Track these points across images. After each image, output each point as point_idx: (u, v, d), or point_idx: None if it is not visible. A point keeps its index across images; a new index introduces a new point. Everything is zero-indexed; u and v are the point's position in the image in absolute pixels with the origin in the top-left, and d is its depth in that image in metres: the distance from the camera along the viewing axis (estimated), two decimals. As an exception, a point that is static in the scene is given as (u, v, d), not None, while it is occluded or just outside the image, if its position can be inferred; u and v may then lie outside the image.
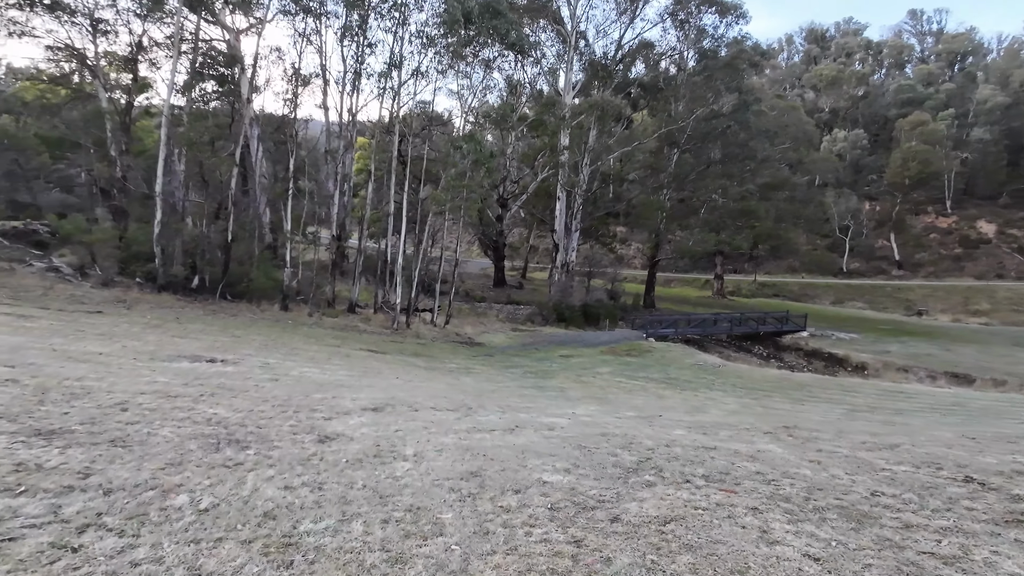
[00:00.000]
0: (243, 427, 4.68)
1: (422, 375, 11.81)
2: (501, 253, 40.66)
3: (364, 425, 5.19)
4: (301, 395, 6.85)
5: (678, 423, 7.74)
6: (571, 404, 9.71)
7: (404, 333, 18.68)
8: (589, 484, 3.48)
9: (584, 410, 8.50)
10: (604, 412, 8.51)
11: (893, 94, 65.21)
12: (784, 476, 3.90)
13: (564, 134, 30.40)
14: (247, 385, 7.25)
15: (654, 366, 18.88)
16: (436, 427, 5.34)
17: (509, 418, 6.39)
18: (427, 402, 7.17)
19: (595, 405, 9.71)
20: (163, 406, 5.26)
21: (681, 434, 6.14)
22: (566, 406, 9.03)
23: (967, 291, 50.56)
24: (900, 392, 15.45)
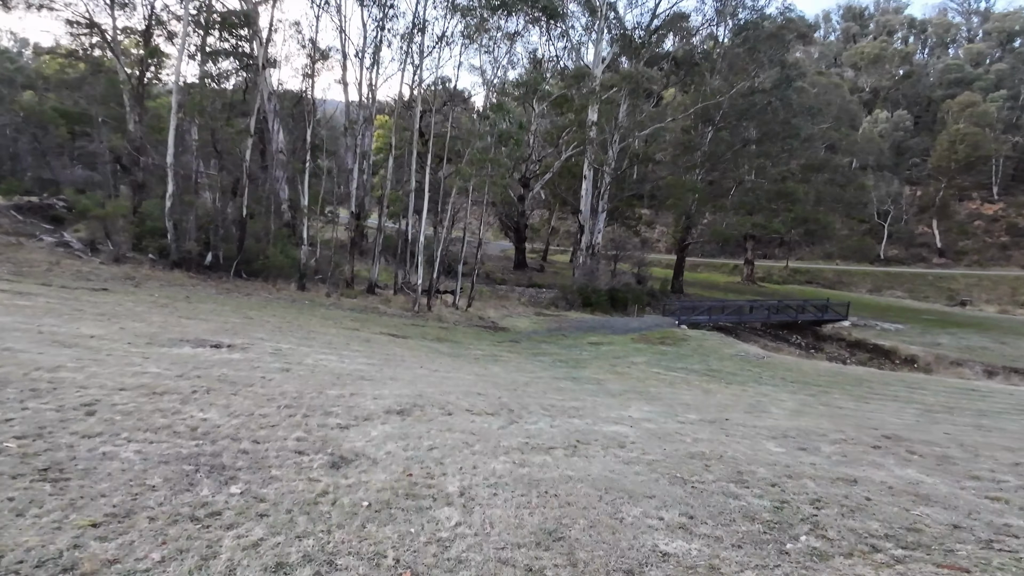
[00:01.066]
0: (235, 442, 3.62)
1: (447, 363, 10.75)
2: (522, 235, 39.39)
3: (389, 438, 4.09)
4: (314, 391, 5.80)
5: (755, 431, 6.53)
6: (617, 401, 8.55)
7: (426, 316, 17.67)
8: (731, 557, 2.34)
9: (639, 412, 7.34)
10: (662, 414, 7.33)
11: (939, 74, 61.32)
12: (998, 533, 2.69)
13: (593, 109, 28.74)
14: (253, 377, 6.23)
15: (692, 356, 17.60)
16: (479, 441, 4.22)
17: (562, 427, 5.26)
18: (460, 401, 6.08)
19: (645, 404, 8.53)
20: (142, 408, 4.22)
21: (780, 452, 4.94)
22: (615, 405, 7.88)
23: (1015, 281, 47.79)
24: (971, 390, 13.95)
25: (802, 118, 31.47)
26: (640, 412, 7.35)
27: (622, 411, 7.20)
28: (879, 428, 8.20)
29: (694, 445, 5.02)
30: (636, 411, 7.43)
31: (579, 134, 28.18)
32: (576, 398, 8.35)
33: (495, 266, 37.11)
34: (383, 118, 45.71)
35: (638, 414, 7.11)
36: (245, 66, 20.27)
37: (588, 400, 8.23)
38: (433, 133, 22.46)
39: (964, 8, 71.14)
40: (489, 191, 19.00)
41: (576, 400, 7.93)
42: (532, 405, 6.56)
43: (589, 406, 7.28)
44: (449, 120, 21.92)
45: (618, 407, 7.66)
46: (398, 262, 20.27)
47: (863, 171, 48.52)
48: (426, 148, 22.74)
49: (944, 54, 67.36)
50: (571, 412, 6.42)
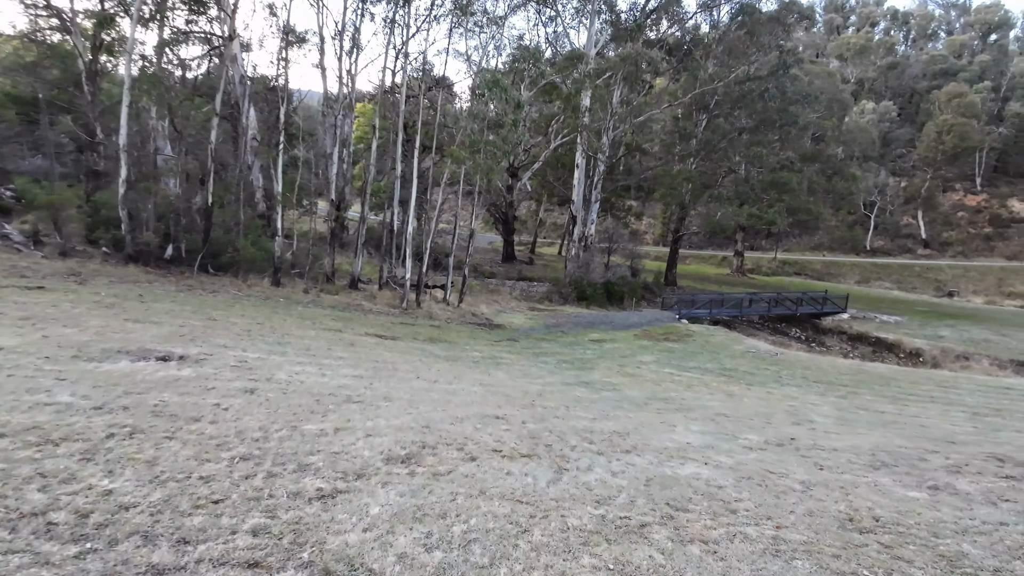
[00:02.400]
0: (144, 546, 2.16)
1: (446, 371, 9.31)
2: (511, 226, 37.95)
3: (399, 518, 2.67)
4: (286, 425, 4.33)
5: (842, 458, 5.25)
6: (655, 417, 7.24)
7: (415, 313, 16.15)
8: None
9: (689, 433, 6.01)
10: (718, 436, 6.01)
11: (924, 65, 61.44)
12: None
13: (586, 94, 27.34)
14: (203, 406, 4.72)
15: (701, 353, 16.44)
16: (534, 517, 2.81)
17: (628, 474, 3.88)
18: (479, 434, 4.66)
19: (686, 418, 7.22)
20: (12, 473, 2.73)
21: (919, 497, 3.63)
22: (655, 424, 6.54)
23: (1001, 272, 48.09)
24: (1007, 388, 13.04)
25: (799, 105, 30.55)
26: (691, 434, 6.03)
27: (672, 434, 5.86)
28: (954, 441, 7.04)
29: (811, 495, 3.70)
30: (686, 432, 6.10)
31: (571, 120, 26.78)
32: (606, 414, 7.00)
33: (483, 259, 35.62)
34: (364, 106, 43.81)
35: (693, 437, 5.78)
36: (207, 39, 18.35)
37: (622, 417, 6.88)
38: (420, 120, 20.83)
39: (945, 1, 71.56)
40: (481, 178, 17.48)
41: (610, 419, 6.57)
42: (567, 433, 5.17)
43: (632, 429, 5.92)
44: (437, 106, 20.27)
45: (663, 427, 6.33)
46: (383, 255, 18.67)
47: (850, 162, 48.12)
48: (411, 135, 21.12)
49: (926, 46, 67.63)
50: (618, 442, 5.05)
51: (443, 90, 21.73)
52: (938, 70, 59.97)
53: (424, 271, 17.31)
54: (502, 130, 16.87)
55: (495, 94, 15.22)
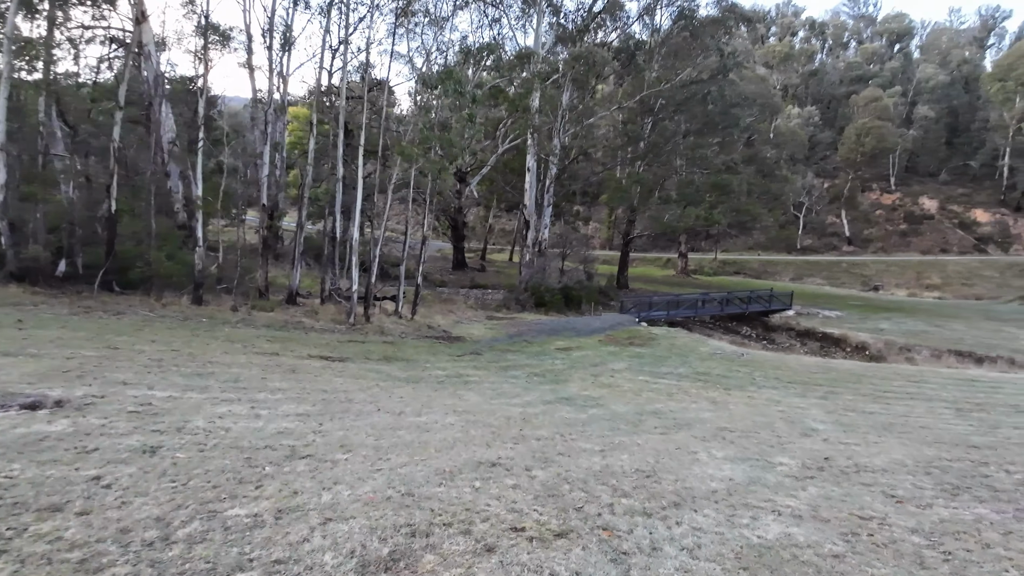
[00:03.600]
0: None
1: (410, 396, 7.94)
2: (461, 233, 36.62)
3: None
4: (199, 515, 2.92)
5: (905, 484, 4.39)
6: (658, 438, 6.22)
7: (364, 328, 14.53)
8: None
9: (724, 464, 5.01)
10: (755, 465, 5.05)
11: (841, 72, 65.91)
12: None
13: (535, 95, 26.62)
14: (74, 481, 3.22)
15: (670, 357, 15.83)
16: None
17: (701, 547, 2.79)
18: (484, 497, 3.42)
19: (716, 449, 6.25)
20: None
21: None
22: (676, 454, 5.52)
23: (918, 266, 51.71)
24: (973, 380, 13.16)
25: (739, 108, 31.27)
26: (720, 463, 5.04)
27: (704, 467, 4.84)
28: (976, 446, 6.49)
29: (943, 551, 2.73)
30: (713, 460, 5.10)
31: (520, 121, 25.93)
32: (611, 442, 5.91)
33: (432, 267, 34.08)
34: (298, 109, 41.41)
35: (728, 469, 4.78)
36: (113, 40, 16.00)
37: (629, 445, 5.80)
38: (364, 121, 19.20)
39: (855, 12, 77.25)
40: (432, 179, 16.15)
41: (618, 448, 5.48)
42: (588, 481, 4.01)
43: (654, 464, 4.84)
44: (382, 108, 18.75)
45: (684, 457, 5.30)
46: (324, 266, 16.88)
47: (782, 164, 50.38)
48: (352, 139, 19.46)
49: (842, 54, 72.61)
50: (655, 489, 3.94)
51: (386, 93, 20.22)
52: (854, 76, 64.43)
53: (372, 282, 15.70)
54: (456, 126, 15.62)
55: (448, 86, 13.97)
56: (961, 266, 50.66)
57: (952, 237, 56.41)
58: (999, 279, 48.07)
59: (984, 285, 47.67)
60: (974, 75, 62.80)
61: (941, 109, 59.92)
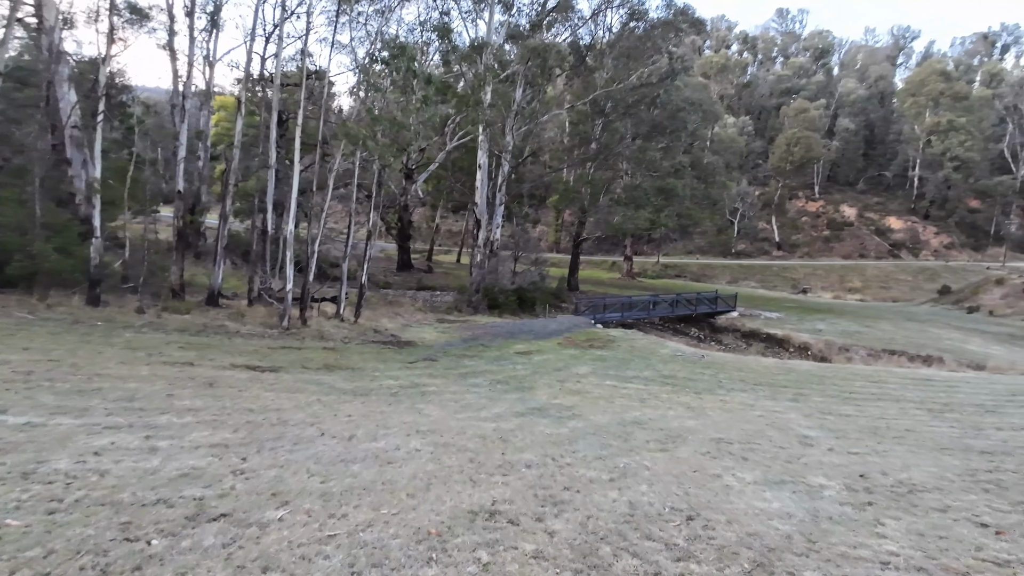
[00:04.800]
0: None
1: (361, 414, 6.60)
2: (406, 233, 34.90)
3: None
4: None
5: (991, 507, 3.65)
6: (661, 456, 5.29)
7: (300, 333, 12.83)
8: None
9: (762, 491, 4.10)
10: (796, 492, 4.18)
11: (771, 84, 69.59)
12: None
13: (487, 90, 25.59)
14: None
15: (633, 360, 15.20)
16: None
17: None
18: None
19: (744, 472, 5.37)
20: None
21: None
22: (683, 470, 4.59)
23: (841, 270, 55.03)
24: (928, 380, 13.33)
25: (686, 112, 31.68)
26: (758, 489, 4.14)
27: (745, 498, 3.91)
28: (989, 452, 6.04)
29: None
30: (745, 486, 4.19)
31: (471, 116, 24.77)
32: (615, 466, 4.89)
33: (376, 268, 32.15)
34: (227, 99, 38.55)
35: (771, 499, 3.88)
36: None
37: (637, 469, 4.81)
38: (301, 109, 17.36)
39: (784, 28, 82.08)
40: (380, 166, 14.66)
41: (630, 476, 4.47)
42: (627, 534, 2.95)
43: (683, 496, 3.86)
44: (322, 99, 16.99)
45: (713, 484, 4.35)
46: (253, 263, 14.96)
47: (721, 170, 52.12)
48: (288, 130, 17.59)
49: (772, 67, 76.76)
50: (709, 537, 2.93)
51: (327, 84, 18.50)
52: (783, 88, 68.18)
53: (310, 281, 13.99)
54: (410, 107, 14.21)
55: (399, 64, 12.59)
56: (879, 270, 54.44)
57: (869, 243, 60.63)
58: (912, 282, 52.00)
59: (899, 288, 51.41)
60: (888, 90, 68.19)
61: (860, 122, 64.54)
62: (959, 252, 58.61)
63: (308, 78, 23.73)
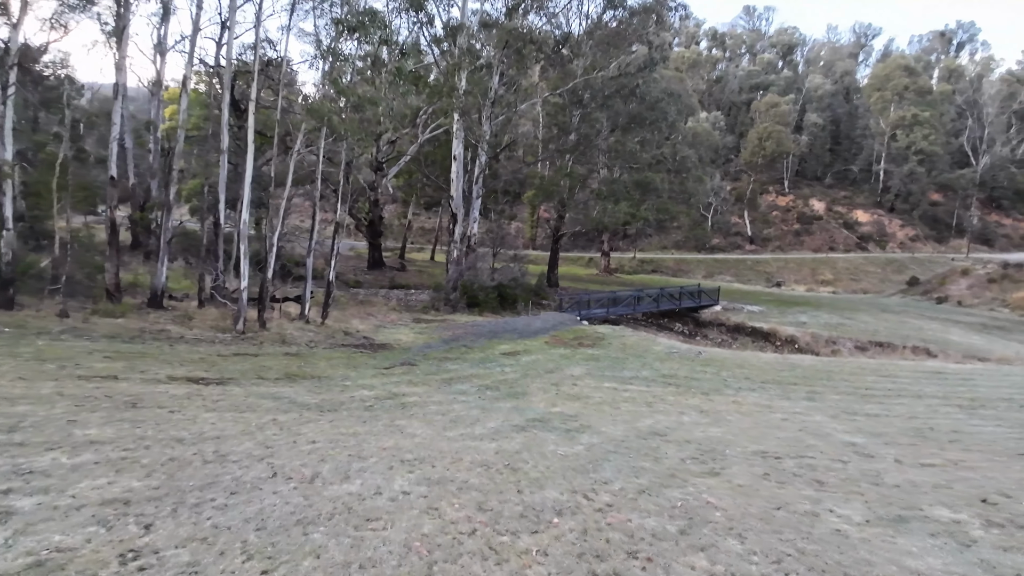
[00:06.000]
0: None
1: (328, 437, 5.23)
2: (377, 229, 33.15)
3: None
4: None
5: None
6: (715, 481, 4.13)
7: (258, 337, 11.27)
8: None
9: (889, 532, 2.95)
10: (948, 541, 3.04)
11: (741, 80, 70.13)
12: None
13: (461, 75, 24.22)
14: None
15: (627, 359, 14.15)
16: None
17: None
18: None
19: (836, 504, 4.23)
20: None
21: None
22: (748, 510, 3.43)
23: (813, 263, 55.64)
24: (938, 372, 12.66)
25: (665, 103, 30.98)
26: (900, 540, 3.00)
27: (872, 549, 2.75)
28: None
29: None
30: (878, 540, 3.05)
31: (446, 102, 23.31)
32: (678, 507, 3.68)
33: (345, 266, 30.41)
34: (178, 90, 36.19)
35: (932, 559, 2.73)
36: None
37: (704, 508, 3.61)
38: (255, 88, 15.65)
39: (751, 26, 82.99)
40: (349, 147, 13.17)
41: (716, 528, 3.26)
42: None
43: (824, 561, 2.66)
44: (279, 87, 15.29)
45: (822, 531, 3.19)
46: (203, 259, 13.26)
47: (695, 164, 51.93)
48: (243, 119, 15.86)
49: (741, 63, 77.43)
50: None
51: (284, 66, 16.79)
52: (753, 84, 68.69)
53: (270, 279, 12.41)
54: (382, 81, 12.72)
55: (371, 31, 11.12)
56: (848, 263, 55.25)
57: (838, 236, 61.58)
58: (881, 274, 52.91)
59: (869, 280, 52.22)
60: (853, 86, 69.48)
61: (827, 117, 65.49)
62: (923, 244, 60.11)
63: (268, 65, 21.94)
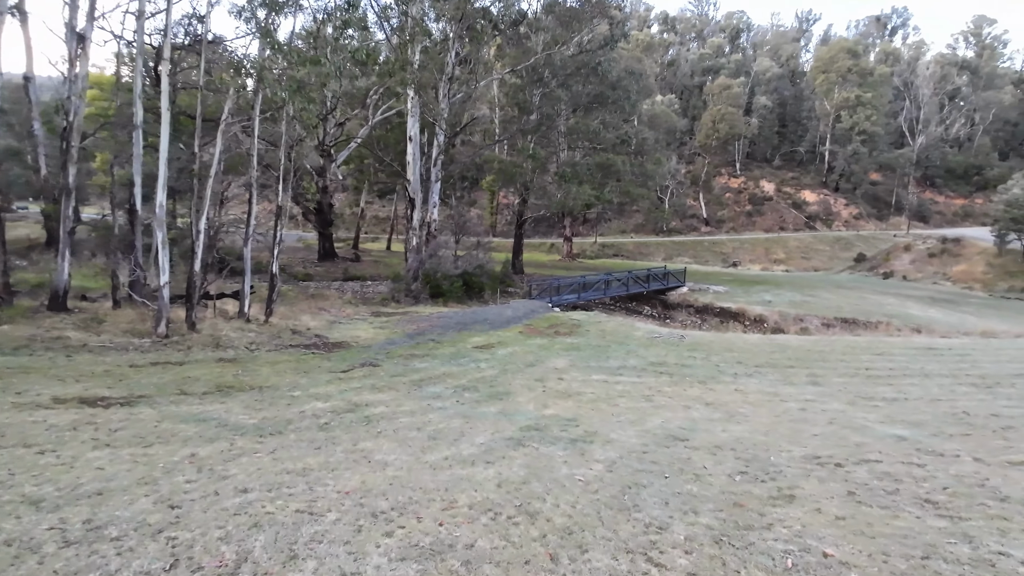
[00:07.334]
0: None
1: (265, 483, 3.77)
2: (327, 218, 30.82)
3: None
4: None
5: None
6: (799, 513, 3.01)
7: (186, 341, 9.45)
8: None
9: None
10: None
11: (695, 63, 70.60)
12: None
13: (414, 47, 22.40)
14: None
15: (610, 347, 13.13)
16: None
17: None
18: None
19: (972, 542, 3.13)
20: None
21: None
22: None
23: (766, 242, 56.88)
24: (930, 348, 12.25)
25: (628, 81, 30.12)
26: None
27: None
28: None
29: None
30: None
31: (400, 77, 21.38)
32: (795, 570, 2.49)
33: (294, 259, 28.20)
34: (102, 76, 33.11)
35: None
36: None
37: (813, 562, 2.44)
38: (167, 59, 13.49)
39: (700, 11, 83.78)
40: (294, 114, 11.37)
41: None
42: None
43: None
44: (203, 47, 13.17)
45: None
46: (112, 252, 11.21)
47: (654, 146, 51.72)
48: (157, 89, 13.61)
49: (691, 46, 78.00)
50: None
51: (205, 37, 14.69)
52: (705, 67, 69.31)
53: (199, 272, 10.52)
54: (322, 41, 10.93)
55: None
56: (799, 242, 56.79)
57: (788, 216, 63.29)
58: (829, 252, 54.65)
59: (819, 258, 53.84)
60: (799, 70, 71.31)
61: (775, 99, 66.91)
62: (866, 222, 62.60)
63: (195, 42, 19.53)
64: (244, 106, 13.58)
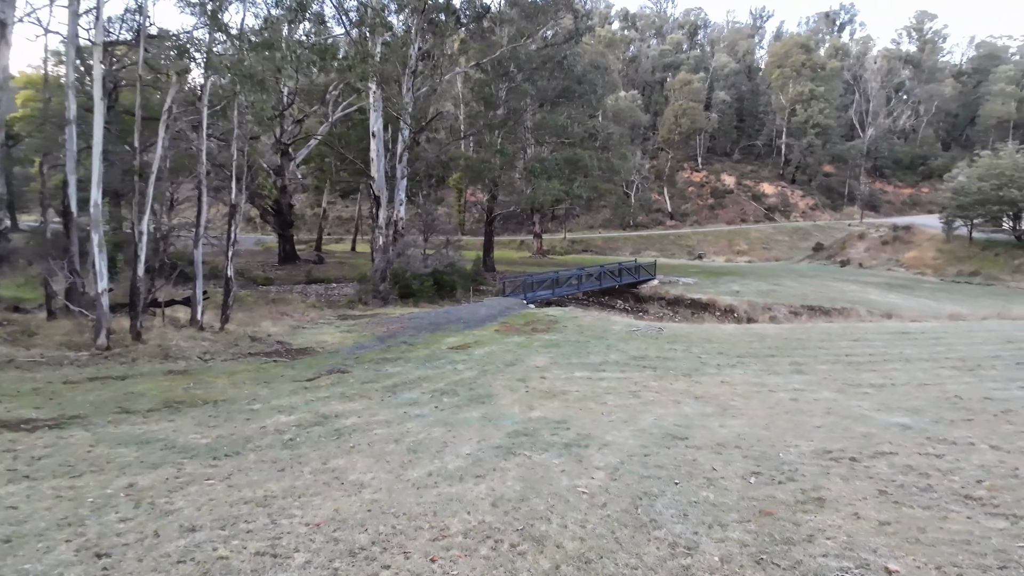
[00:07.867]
0: None
1: (218, 515, 3.16)
2: (287, 219, 29.55)
3: None
4: None
5: None
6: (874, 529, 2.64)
7: (130, 353, 8.58)
8: None
9: None
10: None
11: (655, 59, 71.47)
12: None
13: (375, 39, 21.62)
14: None
15: (589, 342, 12.80)
16: None
17: None
18: None
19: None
20: None
21: None
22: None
23: (729, 235, 58.05)
24: (905, 333, 12.38)
25: (594, 74, 29.99)
26: None
27: None
28: None
29: None
30: None
31: (360, 69, 20.52)
32: None
33: (253, 262, 26.89)
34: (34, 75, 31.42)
35: None
36: None
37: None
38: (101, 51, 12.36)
39: (657, 9, 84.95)
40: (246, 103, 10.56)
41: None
42: None
43: None
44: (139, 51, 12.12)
45: None
46: (46, 259, 10.17)
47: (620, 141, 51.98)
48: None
49: (652, 43, 78.94)
50: None
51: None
52: (665, 63, 70.24)
53: (140, 276, 9.60)
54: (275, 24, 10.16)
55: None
56: (760, 233, 58.21)
57: (748, 208, 64.82)
58: (789, 242, 56.20)
59: (779, 248, 55.29)
60: (755, 65, 73.10)
61: (733, 94, 68.40)
62: (822, 212, 64.70)
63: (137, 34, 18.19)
64: (191, 98, 12.62)
